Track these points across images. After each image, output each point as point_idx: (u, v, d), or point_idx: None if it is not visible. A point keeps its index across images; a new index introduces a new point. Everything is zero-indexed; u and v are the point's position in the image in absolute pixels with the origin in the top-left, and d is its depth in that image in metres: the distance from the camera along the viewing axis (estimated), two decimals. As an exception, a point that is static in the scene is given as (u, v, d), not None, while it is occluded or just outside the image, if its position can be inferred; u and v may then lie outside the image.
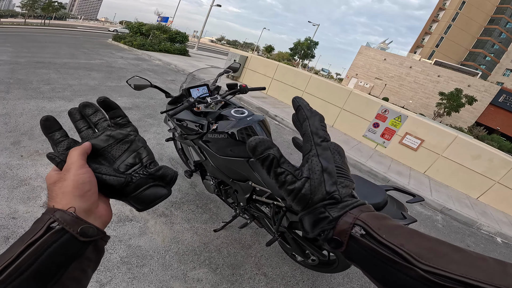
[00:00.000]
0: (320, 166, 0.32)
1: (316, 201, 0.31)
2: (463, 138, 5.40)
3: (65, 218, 0.30)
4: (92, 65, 6.39)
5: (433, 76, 39.05)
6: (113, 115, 0.41)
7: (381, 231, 0.27)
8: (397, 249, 0.25)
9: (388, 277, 0.26)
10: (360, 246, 0.28)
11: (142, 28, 13.55)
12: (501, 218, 4.50)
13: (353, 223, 0.29)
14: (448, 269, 0.23)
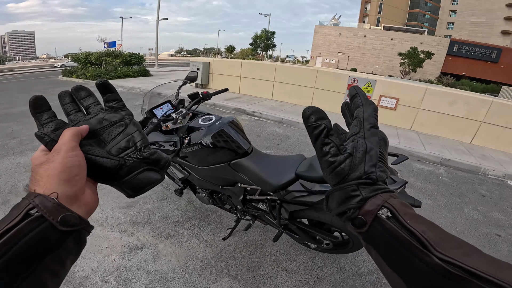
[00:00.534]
0: (365, 147, 0.33)
1: (351, 178, 0.32)
2: (433, 89, 5.65)
3: (46, 205, 0.27)
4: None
5: (387, 40, 41.61)
6: (108, 98, 0.39)
7: (406, 217, 0.28)
8: (419, 234, 0.26)
9: (402, 261, 0.27)
10: (383, 227, 0.29)
11: (91, 58, 12.83)
12: (502, 158, 4.55)
13: (381, 205, 0.30)
14: (461, 260, 0.24)
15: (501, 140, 5.01)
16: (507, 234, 2.49)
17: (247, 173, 1.56)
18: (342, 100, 6.48)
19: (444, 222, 2.57)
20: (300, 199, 1.42)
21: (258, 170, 1.53)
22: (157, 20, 18.14)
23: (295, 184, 1.45)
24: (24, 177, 2.86)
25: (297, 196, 1.43)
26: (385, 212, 0.29)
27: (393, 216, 0.29)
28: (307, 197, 1.40)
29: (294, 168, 1.47)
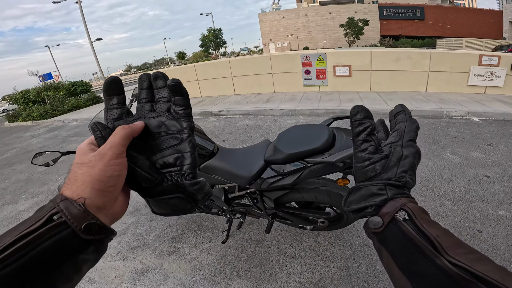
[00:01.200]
0: (401, 154, 0.34)
1: (381, 178, 0.33)
2: (377, 51, 6.06)
3: (71, 210, 0.26)
4: (9, 159, 5.52)
5: (326, 15, 43.68)
6: (176, 102, 0.35)
7: (423, 221, 0.29)
8: (433, 238, 0.27)
9: (412, 263, 0.28)
10: (398, 229, 0.30)
11: (29, 96, 11.68)
12: (459, 99, 4.89)
13: (399, 207, 0.31)
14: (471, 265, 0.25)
15: (452, 83, 5.49)
16: (495, 174, 2.51)
17: (219, 172, 1.54)
18: (301, 78, 6.66)
19: (428, 172, 2.62)
20: (276, 184, 1.42)
21: (228, 167, 1.51)
22: (90, 42, 16.99)
23: (267, 170, 1.44)
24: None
25: (272, 182, 1.42)
26: (403, 214, 0.30)
27: (410, 219, 0.30)
28: (281, 181, 1.40)
29: (262, 156, 1.47)
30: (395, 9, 42.87)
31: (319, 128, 1.42)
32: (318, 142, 1.29)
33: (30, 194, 3.52)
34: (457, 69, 5.34)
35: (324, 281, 1.65)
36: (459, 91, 5.45)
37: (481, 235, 1.84)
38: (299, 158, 1.31)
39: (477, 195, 2.25)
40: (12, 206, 3.25)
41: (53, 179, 3.88)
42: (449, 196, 2.27)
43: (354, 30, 35.04)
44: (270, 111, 5.50)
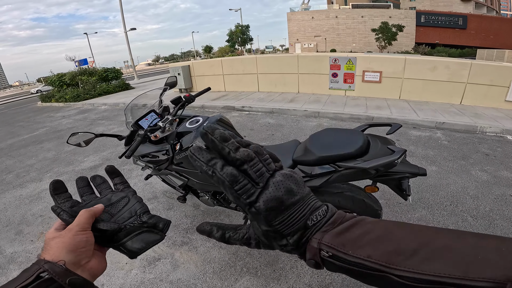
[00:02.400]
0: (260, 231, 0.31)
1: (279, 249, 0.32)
2: (412, 58, 5.75)
3: (55, 269, 0.31)
4: (39, 137, 5.89)
5: (358, 18, 42.47)
6: (115, 181, 0.48)
7: (347, 248, 0.27)
8: (366, 262, 0.25)
9: (372, 283, 0.26)
10: (333, 265, 0.28)
11: (64, 79, 12.32)
12: (495, 114, 4.59)
13: (318, 248, 0.28)
14: (420, 269, 0.22)
15: (489, 97, 5.11)
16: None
17: None
18: (327, 81, 6.51)
19: (454, 188, 2.54)
20: None
21: None
22: (125, 32, 17.64)
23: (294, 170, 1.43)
24: (30, 207, 2.82)
25: None
26: (325, 253, 0.28)
27: (333, 255, 0.27)
28: (308, 182, 1.38)
29: (290, 155, 1.46)
30: (434, 17, 40.82)
31: (354, 133, 1.40)
32: (352, 147, 1.28)
33: (55, 173, 3.69)
34: (497, 82, 4.96)
35: (333, 286, 1.63)
36: (496, 106, 5.08)
37: None
38: (330, 161, 1.30)
39: (501, 214, 2.16)
40: (36, 184, 3.41)
41: (79, 160, 4.09)
42: (472, 213, 2.19)
43: (387, 35, 33.74)
44: (293, 111, 5.43)
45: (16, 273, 1.85)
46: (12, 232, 2.44)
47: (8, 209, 2.85)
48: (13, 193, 3.22)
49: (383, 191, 2.44)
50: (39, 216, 2.62)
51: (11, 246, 2.23)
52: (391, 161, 1.16)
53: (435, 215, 2.18)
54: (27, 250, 2.18)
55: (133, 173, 3.33)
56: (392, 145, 1.31)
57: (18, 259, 2.09)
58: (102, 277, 1.80)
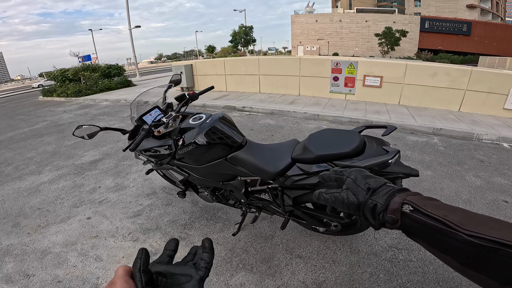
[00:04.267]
0: (351, 179, 0.43)
1: (362, 199, 0.40)
2: (413, 64, 5.79)
3: None
4: (39, 130, 5.92)
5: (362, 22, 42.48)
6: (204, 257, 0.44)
7: (427, 207, 0.33)
8: (442, 219, 0.31)
9: (440, 243, 0.32)
10: (411, 220, 0.34)
11: (67, 74, 12.34)
12: (493, 122, 4.63)
13: (401, 203, 0.35)
14: (487, 233, 0.28)
15: (488, 105, 5.15)
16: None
17: (245, 165, 1.58)
18: (328, 84, 6.56)
19: (448, 192, 2.59)
20: (300, 183, 1.44)
21: (254, 160, 1.55)
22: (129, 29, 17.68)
23: (293, 168, 1.47)
24: (28, 200, 2.83)
25: (296, 180, 1.44)
26: (407, 207, 0.34)
27: (414, 209, 0.34)
28: (306, 180, 1.42)
29: (289, 153, 1.51)
30: (439, 23, 40.82)
31: (351, 133, 1.45)
32: (349, 146, 1.33)
33: (54, 166, 3.70)
34: (496, 90, 5.01)
35: (327, 284, 1.66)
36: (494, 113, 5.12)
37: None
38: (328, 160, 1.34)
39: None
40: (35, 177, 3.42)
41: (79, 154, 4.11)
42: (464, 217, 2.22)
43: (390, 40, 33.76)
44: (294, 113, 5.48)
45: (11, 266, 1.91)
46: (9, 225, 2.45)
47: (6, 201, 2.86)
48: (11, 185, 3.23)
49: (378, 194, 2.48)
50: (37, 209, 2.63)
51: (7, 239, 2.23)
52: (384, 160, 1.21)
53: (428, 218, 2.21)
54: (23, 243, 2.19)
55: (132, 169, 3.37)
56: (387, 146, 1.35)
57: (14, 251, 2.09)
58: (98, 270, 1.82)
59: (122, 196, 2.75)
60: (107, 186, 2.99)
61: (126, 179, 3.13)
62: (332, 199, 0.44)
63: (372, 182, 0.41)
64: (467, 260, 0.29)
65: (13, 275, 1.84)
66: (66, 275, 1.82)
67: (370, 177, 0.42)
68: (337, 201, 0.43)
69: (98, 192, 2.87)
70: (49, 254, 2.03)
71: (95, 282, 1.74)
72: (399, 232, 1.57)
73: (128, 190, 2.85)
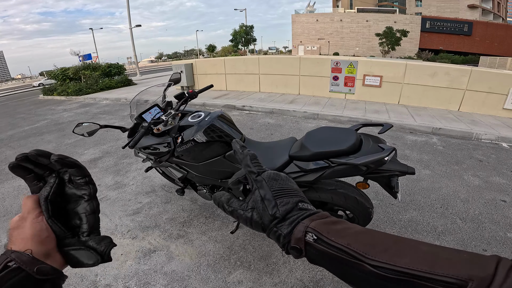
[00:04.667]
0: (260, 196, 0.37)
1: (267, 223, 0.35)
2: (413, 63, 5.80)
3: (22, 259, 0.32)
4: (40, 129, 5.94)
5: (363, 22, 42.44)
6: (73, 173, 0.39)
7: (330, 235, 0.30)
8: (345, 248, 0.29)
9: (345, 274, 0.29)
10: (315, 250, 0.31)
11: (68, 73, 12.42)
12: (492, 122, 4.63)
13: (305, 231, 0.32)
14: (393, 262, 0.25)
15: (488, 105, 5.14)
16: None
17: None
18: (328, 84, 6.56)
19: (446, 191, 2.59)
20: (297, 180, 1.45)
21: None
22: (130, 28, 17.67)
23: (290, 166, 1.48)
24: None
25: (293, 177, 1.45)
26: (311, 236, 0.31)
27: (318, 238, 0.31)
28: (303, 177, 1.43)
29: (287, 151, 1.52)
30: (440, 23, 40.73)
31: (348, 131, 1.46)
32: (345, 144, 1.34)
33: (53, 162, 3.73)
34: (496, 90, 5.01)
35: (324, 282, 1.67)
36: (493, 113, 5.12)
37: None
38: (324, 157, 1.36)
39: (490, 217, 2.22)
40: (35, 175, 3.45)
41: (79, 152, 4.13)
42: (462, 215, 2.25)
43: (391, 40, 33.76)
44: (293, 112, 5.48)
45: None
46: (9, 223, 2.46)
47: (6, 199, 2.87)
48: (11, 183, 3.24)
49: (376, 192, 2.49)
50: (38, 206, 2.66)
51: (7, 236, 2.26)
52: (380, 158, 1.22)
53: (425, 216, 2.22)
54: None
55: (132, 167, 3.38)
56: (383, 144, 1.36)
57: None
58: (97, 268, 1.83)
59: (122, 194, 2.76)
60: (107, 184, 3.00)
61: (126, 177, 3.14)
62: (235, 215, 0.39)
63: (281, 207, 0.35)
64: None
65: (12, 272, 1.85)
66: (64, 272, 1.82)
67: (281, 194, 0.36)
68: (241, 218, 0.38)
69: (98, 190, 2.87)
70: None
71: (93, 279, 1.75)
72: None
73: (127, 188, 2.87)
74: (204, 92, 2.08)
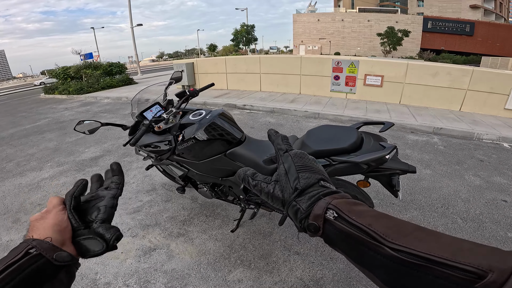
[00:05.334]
0: (284, 170, 0.38)
1: (287, 198, 0.36)
2: (414, 63, 5.79)
3: (42, 246, 0.34)
4: (41, 127, 5.95)
5: (364, 22, 42.40)
6: (113, 180, 0.48)
7: (351, 214, 0.30)
8: (366, 228, 0.28)
9: (362, 256, 0.28)
10: (334, 228, 0.30)
11: (69, 72, 12.44)
12: (493, 122, 4.61)
13: (326, 207, 0.31)
14: (413, 247, 0.24)
15: (489, 105, 5.13)
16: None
17: (244, 160, 1.60)
18: (329, 83, 6.55)
19: (447, 191, 2.59)
20: None
21: (253, 156, 1.57)
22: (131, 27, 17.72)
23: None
24: (29, 195, 2.85)
25: None
26: (331, 213, 0.31)
27: (338, 215, 0.30)
28: None
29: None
30: (441, 23, 40.63)
31: (349, 130, 1.46)
32: (346, 142, 1.34)
33: (55, 162, 3.73)
34: (497, 90, 4.99)
35: (324, 280, 1.67)
36: (494, 113, 5.10)
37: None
38: (325, 155, 1.35)
39: (491, 217, 2.21)
40: (36, 173, 3.43)
41: (80, 150, 4.13)
42: (462, 215, 2.24)
43: (392, 40, 33.70)
44: (294, 111, 5.48)
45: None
46: (9, 220, 2.46)
47: (6, 197, 2.87)
48: (12, 181, 3.25)
49: (377, 192, 2.48)
50: (37, 205, 2.65)
51: (7, 234, 2.25)
52: (381, 156, 1.21)
53: (426, 216, 2.22)
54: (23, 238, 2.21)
55: (133, 165, 3.38)
56: (384, 142, 1.36)
57: (13, 247, 2.10)
58: (97, 266, 1.84)
59: (122, 192, 2.75)
60: (107, 182, 3.01)
61: (127, 175, 3.14)
62: (258, 188, 0.40)
63: (303, 179, 0.35)
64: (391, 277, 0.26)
65: (12, 271, 1.85)
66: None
67: (305, 168, 0.37)
68: (263, 192, 0.39)
69: (98, 188, 2.88)
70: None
71: (93, 278, 1.75)
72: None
73: (128, 186, 2.87)
74: (205, 91, 2.08)
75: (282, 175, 0.38)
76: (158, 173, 2.98)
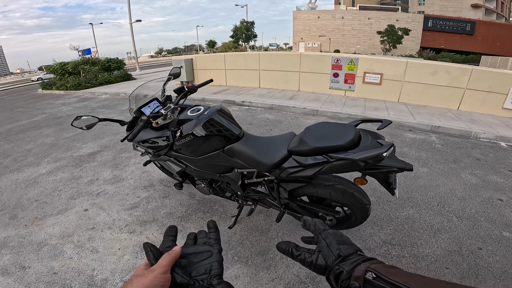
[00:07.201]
0: (325, 243, 0.45)
1: (330, 263, 0.42)
2: (414, 61, 5.77)
3: None
4: (38, 122, 5.91)
5: (365, 20, 42.27)
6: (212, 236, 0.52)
7: (388, 274, 0.35)
8: (402, 285, 0.33)
9: None
10: (374, 286, 0.35)
11: (67, 68, 12.34)
12: (491, 121, 4.63)
13: (365, 270, 0.37)
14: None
15: (487, 104, 5.14)
16: (509, 198, 2.48)
17: (241, 156, 1.59)
18: (328, 80, 6.54)
19: (443, 189, 2.60)
20: (295, 175, 1.44)
21: (251, 152, 1.56)
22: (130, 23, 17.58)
23: (289, 160, 1.48)
24: (26, 191, 2.83)
25: (292, 172, 1.45)
26: (370, 275, 0.36)
27: (377, 276, 0.36)
28: (302, 172, 1.42)
29: (286, 146, 1.52)
30: (442, 21, 40.49)
31: (347, 127, 1.46)
32: (344, 139, 1.34)
33: (52, 158, 3.70)
34: (496, 89, 5.00)
35: (320, 277, 1.66)
36: (492, 113, 5.12)
37: (480, 252, 1.84)
38: (323, 152, 1.35)
39: (486, 216, 2.23)
40: (33, 169, 3.41)
41: (77, 146, 4.11)
42: (458, 213, 2.25)
43: (392, 38, 33.64)
44: (293, 108, 5.47)
45: (7, 258, 1.91)
46: (6, 216, 2.44)
47: (3, 193, 2.85)
48: (9, 177, 3.22)
49: (374, 189, 2.49)
50: (34, 201, 2.63)
51: (4, 230, 2.23)
52: (379, 153, 1.21)
53: (422, 214, 2.23)
54: (20, 235, 2.18)
55: (130, 161, 3.38)
56: (382, 140, 1.36)
57: (10, 243, 2.09)
58: (94, 262, 1.83)
59: (120, 188, 2.75)
60: (105, 178, 3.00)
61: (124, 171, 3.13)
62: (301, 258, 0.46)
63: (344, 249, 0.43)
64: None
65: (9, 267, 1.85)
66: (61, 267, 1.83)
67: (343, 242, 0.45)
68: (306, 262, 0.45)
69: (96, 184, 2.87)
70: (46, 246, 2.04)
71: (90, 274, 1.75)
72: (392, 228, 1.58)
73: (125, 182, 2.86)
74: (203, 87, 2.07)
75: (324, 247, 0.45)
76: (156, 169, 2.97)
